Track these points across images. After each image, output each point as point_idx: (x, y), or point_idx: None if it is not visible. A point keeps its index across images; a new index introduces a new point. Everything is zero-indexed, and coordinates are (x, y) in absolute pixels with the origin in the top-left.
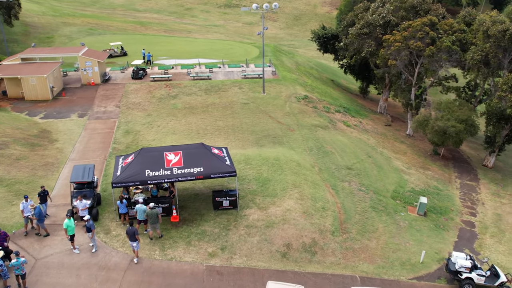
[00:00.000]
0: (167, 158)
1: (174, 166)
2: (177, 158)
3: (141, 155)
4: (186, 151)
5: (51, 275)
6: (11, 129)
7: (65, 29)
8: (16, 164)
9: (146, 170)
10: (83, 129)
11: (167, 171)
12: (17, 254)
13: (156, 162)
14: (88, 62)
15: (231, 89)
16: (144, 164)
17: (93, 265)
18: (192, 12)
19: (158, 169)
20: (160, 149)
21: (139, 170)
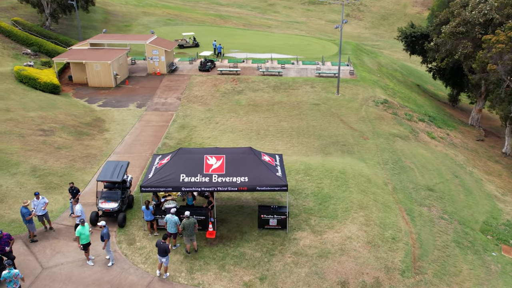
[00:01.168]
0: (207, 163)
1: (214, 173)
2: (219, 164)
3: (178, 156)
4: (230, 156)
5: None
6: (64, 115)
7: (144, 19)
8: (56, 153)
9: (182, 175)
10: (138, 120)
11: (205, 177)
12: (9, 264)
13: (194, 166)
14: (155, 50)
15: (302, 87)
16: (180, 167)
17: (104, 283)
18: (275, 8)
19: (195, 175)
20: (201, 151)
21: (173, 174)
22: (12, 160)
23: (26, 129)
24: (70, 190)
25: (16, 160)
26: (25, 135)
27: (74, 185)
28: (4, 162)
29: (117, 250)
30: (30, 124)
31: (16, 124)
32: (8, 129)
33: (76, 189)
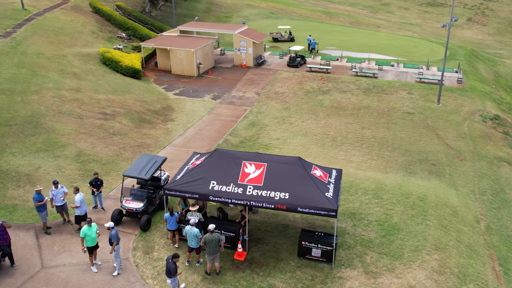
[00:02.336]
0: (245, 170)
1: (249, 183)
2: (258, 173)
3: (212, 159)
4: (273, 165)
5: None
6: (134, 100)
7: (246, 11)
8: (108, 139)
9: (212, 181)
10: (208, 112)
11: (238, 188)
12: None
13: (228, 172)
14: (243, 42)
15: (398, 92)
16: (212, 172)
17: None
18: (389, 8)
19: (227, 183)
20: (240, 155)
21: (202, 179)
22: (60, 141)
23: (87, 111)
24: (93, 182)
25: (65, 142)
26: (84, 117)
27: (98, 176)
28: (52, 143)
29: (129, 258)
30: (94, 106)
31: (80, 105)
32: (69, 109)
33: (100, 180)
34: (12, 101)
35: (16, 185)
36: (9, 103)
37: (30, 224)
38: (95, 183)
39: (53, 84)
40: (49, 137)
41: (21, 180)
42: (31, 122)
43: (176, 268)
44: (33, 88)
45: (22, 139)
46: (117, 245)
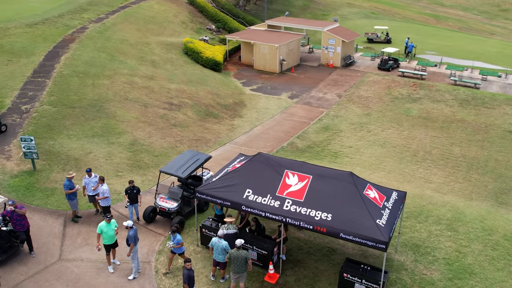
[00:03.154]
0: (286, 181)
1: (289, 197)
2: (300, 186)
3: (252, 163)
4: (318, 179)
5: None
6: (206, 92)
7: (345, 10)
8: (167, 130)
9: (248, 189)
10: (281, 112)
11: (275, 200)
12: None
13: (267, 180)
14: (332, 40)
15: (501, 107)
16: (250, 179)
17: None
18: (508, 14)
19: (264, 193)
20: (283, 162)
21: (238, 185)
22: (118, 128)
23: (154, 100)
24: (128, 191)
25: (122, 129)
26: (149, 105)
27: (134, 184)
28: (109, 129)
29: (151, 261)
30: (163, 95)
31: (149, 93)
32: (136, 97)
33: (137, 189)
34: (83, 83)
35: (61, 168)
36: (79, 86)
37: (62, 211)
38: (131, 191)
39: (127, 70)
40: (108, 123)
41: (68, 164)
42: (95, 106)
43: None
44: (107, 73)
45: (82, 122)
46: (134, 246)
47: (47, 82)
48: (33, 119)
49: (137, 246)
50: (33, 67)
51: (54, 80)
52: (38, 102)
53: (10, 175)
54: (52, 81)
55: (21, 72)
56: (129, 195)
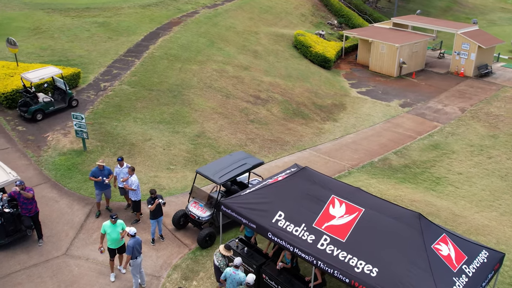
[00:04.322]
0: (329, 210)
1: (327, 232)
2: (345, 221)
3: (294, 179)
4: (372, 215)
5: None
6: (304, 90)
7: (495, 14)
8: (243, 125)
9: (280, 212)
10: (385, 121)
11: (309, 234)
12: None
13: (306, 204)
14: (466, 44)
15: None
16: (286, 199)
17: None
18: None
19: (298, 221)
20: (333, 185)
21: (269, 204)
22: (189, 117)
23: (239, 91)
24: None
25: (192, 119)
26: (232, 96)
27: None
28: (179, 117)
29: (161, 277)
30: (252, 87)
31: (237, 83)
32: (222, 86)
33: (160, 196)
34: (170, 67)
35: (113, 153)
36: (165, 69)
37: (93, 199)
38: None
39: (222, 58)
40: (181, 110)
41: (122, 149)
42: (174, 91)
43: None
44: (199, 58)
45: (154, 106)
46: (132, 259)
47: (135, 62)
48: (107, 97)
49: (139, 260)
50: (129, 46)
51: (143, 60)
52: (119, 81)
53: (59, 152)
54: (140, 62)
55: (116, 50)
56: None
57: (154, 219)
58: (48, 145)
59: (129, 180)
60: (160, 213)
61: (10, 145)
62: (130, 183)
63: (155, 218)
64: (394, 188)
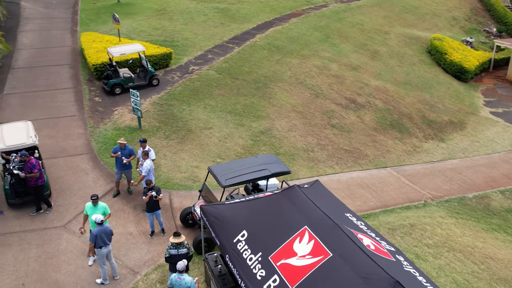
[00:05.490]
0: (293, 244)
1: (279, 271)
2: (303, 263)
3: (277, 197)
4: (336, 266)
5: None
6: (418, 101)
7: None
8: (319, 128)
9: (243, 231)
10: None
11: (260, 267)
12: None
13: (274, 229)
14: None
15: None
16: (257, 217)
17: None
18: None
19: (255, 249)
20: (312, 214)
21: (238, 220)
22: (262, 111)
23: (333, 91)
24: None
25: (265, 114)
26: (321, 96)
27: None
28: (251, 110)
29: (139, 273)
30: (350, 89)
31: (335, 82)
32: (314, 84)
33: (156, 189)
34: (267, 58)
35: (165, 136)
36: (261, 59)
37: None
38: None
39: (330, 54)
40: (256, 103)
41: (177, 133)
42: (259, 82)
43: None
44: (304, 52)
45: (231, 95)
46: (96, 248)
47: (234, 49)
48: (189, 81)
49: (104, 251)
50: (236, 33)
51: (242, 48)
52: (208, 66)
53: (116, 127)
54: (239, 49)
55: (221, 36)
56: (148, 202)
57: (149, 212)
58: (110, 119)
59: (143, 164)
60: (156, 207)
61: (78, 113)
62: (143, 168)
63: (150, 211)
64: (474, 236)
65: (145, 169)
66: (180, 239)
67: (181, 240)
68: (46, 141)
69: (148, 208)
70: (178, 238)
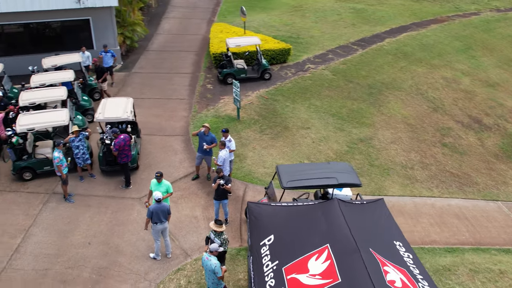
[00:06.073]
0: (309, 260)
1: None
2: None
3: (314, 207)
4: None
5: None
6: None
7: None
8: (427, 145)
9: (271, 235)
10: None
11: (272, 277)
12: (58, 144)
13: (298, 239)
14: None
15: None
16: (287, 224)
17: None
18: None
19: (275, 256)
20: (339, 233)
21: (270, 224)
22: (368, 118)
23: (456, 108)
24: (215, 178)
25: (370, 122)
26: (440, 110)
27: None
28: (356, 116)
29: (190, 257)
30: (478, 107)
31: (462, 98)
32: (436, 97)
33: (227, 179)
34: (390, 63)
35: (259, 130)
36: (383, 64)
37: None
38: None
39: (466, 67)
40: (364, 109)
41: (273, 129)
42: (373, 88)
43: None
44: (434, 61)
45: (339, 97)
46: (152, 224)
47: (357, 52)
48: (300, 78)
49: (159, 227)
50: (364, 36)
51: (366, 51)
52: (325, 65)
53: (216, 114)
54: (362, 52)
55: (348, 37)
56: (217, 190)
57: (216, 200)
58: (214, 106)
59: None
60: (223, 196)
61: (188, 97)
62: (218, 158)
63: (217, 199)
64: None
65: (220, 158)
66: (220, 228)
67: (221, 229)
68: (151, 119)
69: (216, 196)
70: (218, 226)
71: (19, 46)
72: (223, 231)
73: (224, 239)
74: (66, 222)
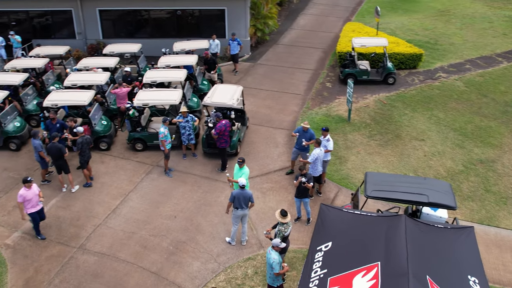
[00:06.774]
0: (356, 275)
1: None
2: None
3: (378, 220)
4: None
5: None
6: None
7: None
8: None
9: (329, 242)
10: None
11: (316, 285)
12: (164, 121)
13: (353, 251)
14: None
15: None
16: (349, 233)
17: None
18: None
19: (325, 265)
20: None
21: (334, 231)
22: (496, 139)
23: None
24: (297, 175)
25: (497, 142)
26: None
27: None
28: (483, 134)
29: (262, 248)
30: None
31: None
32: None
33: (309, 177)
34: None
35: (368, 135)
36: None
37: None
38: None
39: None
40: (494, 128)
41: (383, 135)
42: (511, 106)
43: None
44: None
45: (467, 112)
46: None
47: (501, 64)
48: (428, 87)
49: (239, 213)
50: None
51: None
52: (458, 76)
53: (326, 113)
54: (506, 65)
55: (493, 48)
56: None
57: (297, 198)
58: (327, 105)
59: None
60: (304, 194)
61: (303, 93)
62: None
63: (298, 197)
64: None
65: (312, 156)
66: (285, 219)
67: (286, 220)
68: (262, 110)
69: (297, 194)
70: (284, 218)
71: (162, 31)
72: (288, 221)
73: (279, 231)
74: (160, 194)
